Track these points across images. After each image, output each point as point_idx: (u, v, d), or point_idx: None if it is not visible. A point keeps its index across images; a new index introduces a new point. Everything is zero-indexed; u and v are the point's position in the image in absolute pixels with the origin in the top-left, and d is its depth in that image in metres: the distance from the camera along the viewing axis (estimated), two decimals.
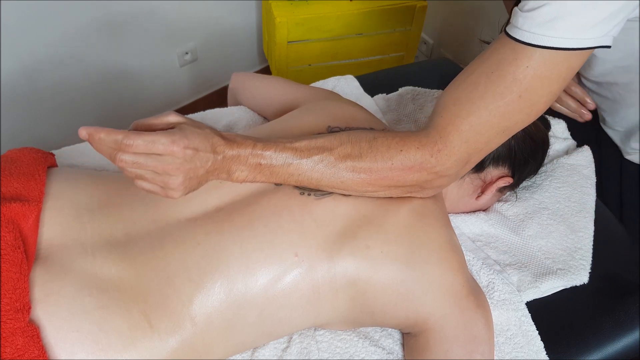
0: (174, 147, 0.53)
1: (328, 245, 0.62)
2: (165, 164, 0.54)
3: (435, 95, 1.09)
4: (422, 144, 0.61)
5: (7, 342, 0.50)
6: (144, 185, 0.57)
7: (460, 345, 0.63)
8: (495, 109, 0.58)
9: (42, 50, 1.39)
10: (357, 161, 0.62)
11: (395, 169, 0.62)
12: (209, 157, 0.57)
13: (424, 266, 0.63)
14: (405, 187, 0.64)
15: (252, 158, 0.60)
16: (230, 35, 1.83)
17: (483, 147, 0.62)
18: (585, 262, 0.80)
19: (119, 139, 0.53)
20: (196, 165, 0.56)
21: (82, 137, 0.54)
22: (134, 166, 0.54)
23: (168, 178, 0.55)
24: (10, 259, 0.54)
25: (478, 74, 0.59)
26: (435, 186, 0.65)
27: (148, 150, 0.53)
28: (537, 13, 0.54)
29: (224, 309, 0.59)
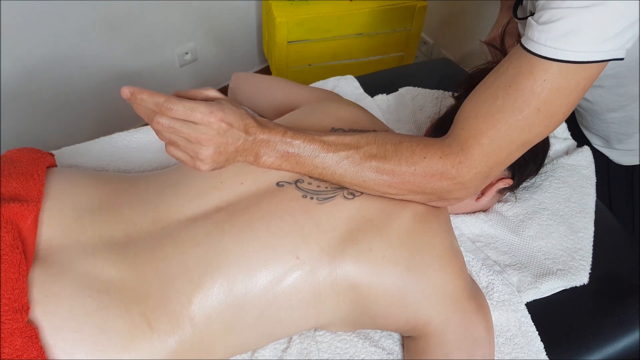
0: (210, 118, 0.55)
1: (330, 248, 0.62)
2: (199, 132, 0.55)
3: (435, 96, 1.09)
4: (445, 153, 0.62)
5: (6, 342, 0.50)
6: (175, 152, 0.58)
7: (461, 349, 0.63)
8: (514, 123, 0.59)
9: (42, 50, 1.39)
10: (382, 162, 0.63)
11: (418, 175, 0.62)
12: (240, 135, 0.59)
13: (426, 271, 0.63)
14: (425, 195, 0.65)
15: (281, 145, 0.62)
16: (230, 35, 1.83)
17: (503, 161, 0.62)
18: (585, 262, 0.80)
19: (161, 101, 0.54)
20: (227, 141, 0.58)
21: (124, 95, 0.56)
22: (169, 131, 0.55)
23: (199, 148, 0.57)
24: (9, 259, 0.54)
25: (496, 87, 0.60)
26: (455, 197, 0.66)
27: (186, 117, 0.55)
28: (553, 27, 0.54)
29: (223, 309, 0.59)
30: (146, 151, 0.91)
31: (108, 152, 0.89)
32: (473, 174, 0.62)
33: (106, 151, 0.89)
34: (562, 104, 0.58)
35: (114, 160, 0.88)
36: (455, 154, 0.62)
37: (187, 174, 0.69)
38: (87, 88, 1.56)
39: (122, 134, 0.92)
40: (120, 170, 0.87)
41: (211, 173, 0.67)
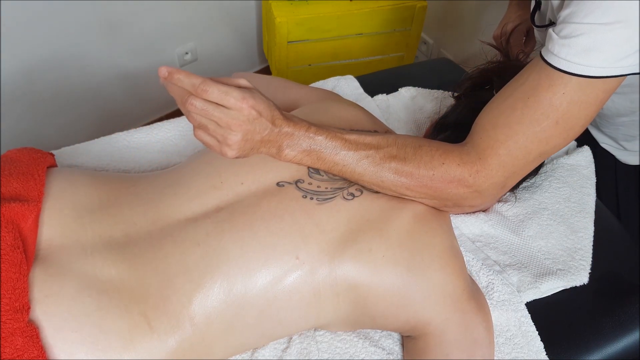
0: (243, 104, 0.56)
1: (330, 249, 0.62)
2: (230, 117, 0.56)
3: (435, 96, 1.09)
4: (464, 161, 0.63)
5: (7, 342, 0.50)
6: (203, 136, 0.59)
7: (461, 349, 0.63)
8: (532, 135, 0.59)
9: (42, 50, 1.39)
10: (401, 164, 0.63)
11: (436, 180, 0.63)
12: (267, 125, 0.59)
13: (426, 271, 0.63)
14: (441, 200, 0.66)
15: (305, 140, 0.63)
16: (230, 35, 1.83)
17: (520, 171, 0.63)
18: (585, 262, 0.80)
19: (197, 82, 0.55)
20: (255, 129, 0.58)
21: (161, 74, 0.57)
22: (201, 113, 0.56)
23: (228, 133, 0.57)
24: (10, 259, 0.54)
25: (515, 98, 0.60)
26: (470, 205, 0.66)
27: (219, 100, 0.55)
28: (574, 42, 0.55)
29: (223, 309, 0.59)
30: (146, 151, 0.91)
31: (108, 152, 0.89)
32: (489, 183, 0.63)
33: (106, 151, 0.89)
34: (580, 117, 0.58)
35: (114, 160, 0.88)
36: (473, 163, 0.62)
37: (186, 174, 0.69)
38: (87, 88, 1.56)
39: (122, 134, 0.92)
40: (120, 170, 0.87)
41: (210, 173, 0.67)
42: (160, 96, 1.79)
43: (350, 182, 0.68)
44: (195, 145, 0.93)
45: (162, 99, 1.80)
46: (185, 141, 0.93)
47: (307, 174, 0.68)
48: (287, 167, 0.68)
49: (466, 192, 0.64)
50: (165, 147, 0.92)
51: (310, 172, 0.68)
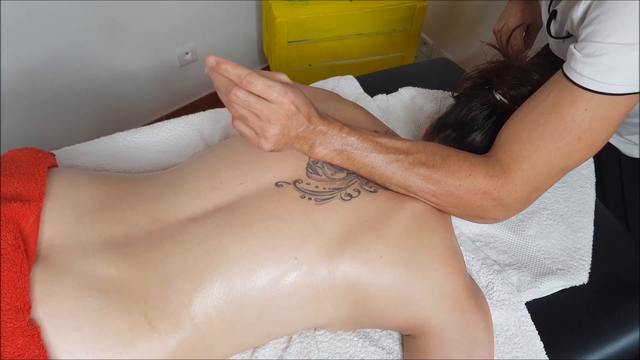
0: (284, 98, 0.57)
1: (329, 249, 0.62)
2: (271, 110, 0.58)
3: (435, 96, 1.09)
4: (489, 174, 0.64)
5: (8, 341, 0.50)
6: (242, 128, 0.61)
7: (460, 348, 0.63)
8: (554, 150, 0.60)
9: (42, 50, 1.39)
10: (430, 171, 0.65)
11: (462, 190, 0.64)
12: (304, 122, 0.61)
13: (425, 270, 0.63)
14: (465, 210, 0.67)
15: (337, 139, 0.64)
16: (230, 35, 1.83)
17: (542, 185, 0.64)
18: (584, 262, 0.80)
19: (243, 74, 0.56)
20: (292, 124, 0.60)
21: (209, 63, 0.58)
22: (244, 104, 0.57)
23: (267, 126, 0.59)
24: (11, 259, 0.54)
25: (537, 113, 0.62)
26: (494, 217, 0.67)
27: (262, 93, 0.57)
28: (597, 61, 0.55)
29: (223, 309, 0.59)
30: (146, 151, 0.91)
31: (108, 152, 0.89)
32: (513, 197, 0.64)
33: (106, 151, 0.89)
34: (602, 132, 0.59)
35: (114, 160, 0.88)
36: (498, 176, 0.63)
37: (187, 174, 0.69)
38: (87, 88, 1.56)
39: (122, 134, 0.92)
40: (121, 170, 0.87)
41: (210, 173, 0.68)
42: (161, 96, 1.79)
43: (349, 182, 0.68)
44: (195, 146, 0.93)
45: (162, 99, 1.80)
46: (185, 141, 0.93)
47: (306, 174, 0.68)
48: (286, 167, 0.68)
49: (490, 205, 0.65)
50: (165, 147, 0.92)
51: (309, 172, 0.68)
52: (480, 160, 0.65)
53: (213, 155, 0.72)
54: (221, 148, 0.73)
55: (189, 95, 1.88)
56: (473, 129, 0.74)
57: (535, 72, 0.73)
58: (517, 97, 0.74)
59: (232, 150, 0.71)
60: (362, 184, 0.68)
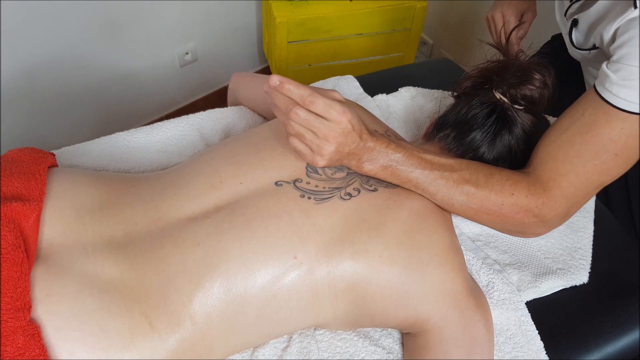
0: (343, 117, 0.59)
1: (328, 249, 0.62)
2: (329, 129, 0.60)
3: (435, 96, 1.09)
4: (531, 192, 0.65)
5: (8, 340, 0.50)
6: (297, 144, 0.63)
7: (460, 346, 0.63)
8: (592, 167, 0.62)
9: (42, 50, 1.39)
10: (474, 189, 0.67)
11: (505, 208, 0.66)
12: (356, 139, 0.63)
13: (424, 269, 0.63)
14: (507, 225, 0.69)
15: (383, 155, 0.66)
16: (230, 35, 1.83)
17: (581, 201, 0.66)
18: (585, 261, 0.80)
19: (305, 94, 0.59)
20: (347, 142, 0.62)
21: (272, 82, 0.59)
22: (304, 123, 0.60)
23: (324, 144, 0.61)
24: (11, 259, 0.54)
25: (572, 133, 0.64)
26: (534, 232, 0.69)
27: (322, 113, 0.59)
28: (634, 84, 0.57)
29: (223, 308, 0.59)
30: (146, 151, 0.91)
31: (108, 152, 0.89)
32: (554, 214, 0.66)
33: (106, 151, 0.89)
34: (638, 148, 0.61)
35: (114, 160, 0.88)
36: (539, 194, 0.65)
37: (187, 174, 0.69)
38: (87, 88, 1.56)
39: (122, 134, 0.92)
40: (121, 170, 0.87)
41: (210, 173, 0.68)
42: (160, 96, 1.79)
43: (349, 182, 0.68)
44: (195, 146, 0.93)
45: (162, 99, 1.80)
46: (185, 141, 0.93)
47: (305, 173, 0.68)
48: (286, 166, 0.68)
49: (532, 222, 0.66)
50: (165, 147, 0.92)
51: (309, 172, 0.68)
52: (521, 178, 0.67)
53: (213, 155, 0.72)
54: (221, 148, 0.73)
55: (189, 95, 1.88)
56: (473, 127, 0.74)
57: (535, 71, 0.73)
58: (517, 96, 0.74)
59: (231, 150, 0.71)
60: (362, 182, 0.68)
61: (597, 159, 0.62)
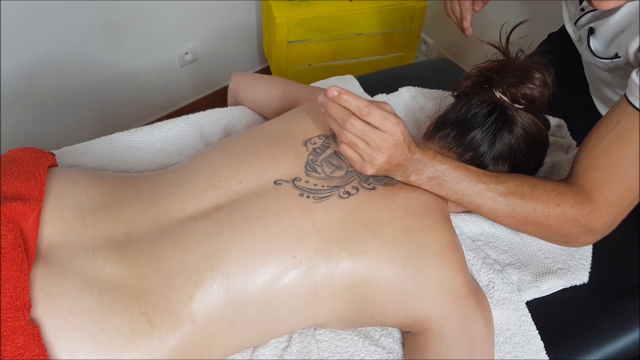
0: (397, 128, 0.61)
1: (327, 248, 0.62)
2: (382, 140, 0.61)
3: (435, 95, 1.09)
4: (577, 202, 0.66)
5: (8, 340, 0.50)
6: (348, 152, 0.64)
7: (460, 345, 0.63)
8: (633, 174, 0.63)
9: (42, 50, 1.39)
10: (520, 201, 0.68)
11: (551, 219, 0.67)
12: (405, 151, 0.64)
13: (424, 268, 0.63)
14: (553, 236, 0.70)
15: (429, 167, 0.67)
16: (230, 35, 1.83)
17: (627, 207, 0.66)
18: (585, 261, 0.80)
19: (361, 105, 0.60)
20: (397, 153, 0.63)
21: (330, 94, 0.60)
22: (358, 133, 0.61)
23: (376, 154, 0.62)
24: (11, 258, 0.54)
25: (609, 142, 0.65)
26: (584, 242, 0.70)
27: (377, 124, 0.60)
28: None
29: (223, 307, 0.59)
30: (146, 151, 0.91)
31: (108, 152, 0.89)
32: (601, 223, 0.66)
33: (106, 151, 0.89)
34: None
35: (114, 160, 0.88)
36: (585, 204, 0.66)
37: (186, 173, 0.69)
38: (87, 88, 1.56)
39: (122, 133, 0.92)
40: (121, 169, 0.87)
41: (209, 172, 0.68)
42: (160, 96, 1.79)
43: (347, 180, 0.68)
44: (195, 146, 0.93)
45: (162, 99, 1.80)
46: (185, 141, 0.93)
47: (304, 172, 0.68)
48: (285, 165, 0.68)
49: (579, 231, 0.67)
50: (165, 147, 0.92)
51: (307, 170, 0.68)
52: (566, 189, 0.67)
53: (212, 154, 0.72)
54: (220, 147, 0.73)
55: (189, 95, 1.88)
56: (473, 126, 0.74)
57: (536, 70, 0.73)
58: (517, 95, 0.74)
59: (231, 149, 0.72)
60: (361, 181, 0.68)
61: (636, 165, 0.63)
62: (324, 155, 0.70)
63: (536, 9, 1.02)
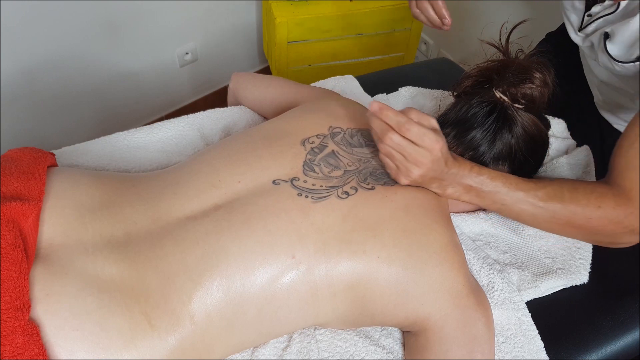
0: (435, 146, 0.62)
1: (326, 249, 0.62)
2: (419, 155, 0.63)
3: (435, 95, 1.09)
4: (618, 204, 0.66)
5: (7, 340, 0.50)
6: (385, 159, 0.66)
7: (461, 345, 0.63)
8: None
9: (42, 50, 1.39)
10: (560, 206, 0.68)
11: (593, 222, 0.67)
12: (442, 166, 0.65)
13: (424, 268, 0.63)
14: (595, 237, 0.71)
15: (466, 179, 0.68)
16: (230, 35, 1.83)
17: None
18: (585, 261, 0.80)
19: (402, 121, 0.61)
20: (434, 168, 0.64)
21: (373, 108, 0.62)
22: (396, 147, 0.63)
23: (412, 167, 0.64)
24: (10, 258, 0.54)
25: None
26: (627, 242, 0.70)
27: (416, 139, 0.61)
28: None
29: (222, 307, 0.59)
30: (146, 151, 0.91)
31: (108, 152, 0.89)
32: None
33: (106, 151, 0.89)
34: None
35: (114, 160, 0.88)
36: (626, 205, 0.66)
37: (186, 173, 0.69)
38: (87, 88, 1.56)
39: (122, 133, 0.92)
40: (121, 169, 0.87)
41: (209, 172, 0.68)
42: (160, 96, 1.79)
43: (346, 180, 0.68)
44: (195, 146, 0.93)
45: (162, 99, 1.80)
46: (185, 141, 0.93)
47: (302, 171, 0.68)
48: (283, 165, 0.68)
49: (622, 232, 0.67)
50: (165, 147, 0.92)
51: (305, 170, 0.68)
52: (606, 190, 0.68)
53: (212, 154, 0.72)
54: (220, 147, 0.74)
55: (189, 95, 1.88)
56: (473, 126, 0.74)
57: (536, 69, 0.73)
58: (517, 94, 0.74)
59: (230, 149, 0.72)
60: (360, 181, 0.68)
61: None
62: (321, 155, 0.70)
63: (536, 8, 1.02)
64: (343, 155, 0.71)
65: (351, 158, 0.71)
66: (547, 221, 0.69)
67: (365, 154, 0.72)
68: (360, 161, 0.71)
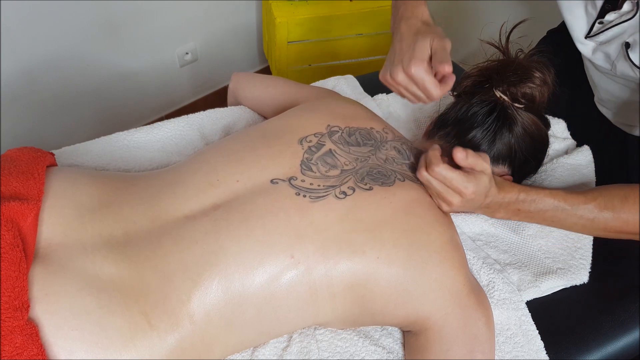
0: (466, 192, 0.66)
1: (325, 249, 0.62)
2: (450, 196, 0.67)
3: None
4: None
5: (6, 340, 0.50)
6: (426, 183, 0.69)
7: (461, 345, 0.63)
8: None
9: (42, 50, 1.39)
10: (611, 215, 0.71)
11: None
12: (480, 200, 0.70)
13: (424, 267, 0.63)
14: None
15: (514, 204, 0.73)
16: (230, 35, 1.83)
17: None
18: (585, 261, 0.80)
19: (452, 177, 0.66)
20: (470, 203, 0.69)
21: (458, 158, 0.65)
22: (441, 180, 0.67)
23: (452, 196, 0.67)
24: (9, 258, 0.54)
25: None
26: None
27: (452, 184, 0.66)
28: None
29: (222, 307, 0.59)
30: (146, 150, 0.91)
31: (108, 152, 0.89)
32: None
33: (106, 151, 0.89)
34: None
35: (114, 160, 0.88)
36: None
37: (185, 172, 0.69)
38: (87, 88, 1.56)
39: (122, 133, 0.92)
40: (121, 169, 0.87)
41: (207, 171, 0.68)
42: (160, 96, 1.79)
43: (343, 180, 0.68)
44: (195, 145, 0.93)
45: (162, 99, 1.80)
46: (185, 141, 0.93)
47: (300, 170, 0.68)
48: (281, 164, 0.68)
49: None
50: (165, 147, 0.92)
51: (303, 169, 0.68)
52: None
53: (210, 153, 0.72)
54: (219, 146, 0.74)
55: (189, 95, 1.88)
56: (473, 125, 0.74)
57: (536, 69, 0.73)
58: (517, 94, 0.74)
59: (229, 149, 0.72)
60: (357, 181, 0.68)
61: None
62: (319, 154, 0.70)
63: (536, 8, 1.01)
64: (340, 154, 0.71)
65: (348, 157, 0.71)
66: (601, 230, 0.73)
67: (363, 153, 0.72)
68: (357, 160, 0.71)
